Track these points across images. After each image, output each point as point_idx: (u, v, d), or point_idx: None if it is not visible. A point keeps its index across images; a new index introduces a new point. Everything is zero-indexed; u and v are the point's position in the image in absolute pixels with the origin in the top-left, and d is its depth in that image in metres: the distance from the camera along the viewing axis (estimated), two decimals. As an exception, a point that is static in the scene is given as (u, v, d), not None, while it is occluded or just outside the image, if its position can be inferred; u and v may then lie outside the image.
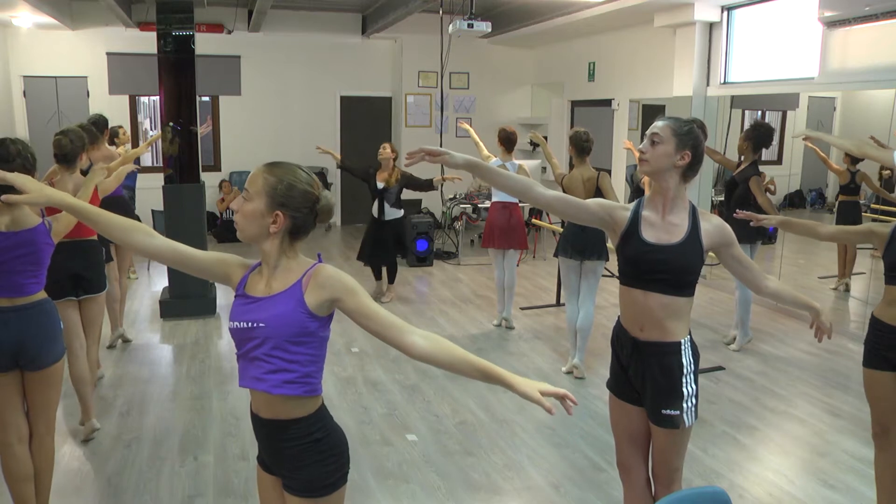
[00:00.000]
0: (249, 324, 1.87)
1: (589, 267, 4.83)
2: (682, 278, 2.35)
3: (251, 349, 1.90)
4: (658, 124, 2.36)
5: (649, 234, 2.35)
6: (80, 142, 3.88)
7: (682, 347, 2.38)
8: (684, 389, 2.37)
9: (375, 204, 6.74)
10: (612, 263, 3.16)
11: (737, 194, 5.19)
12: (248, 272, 1.96)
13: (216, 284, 6.80)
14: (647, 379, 2.40)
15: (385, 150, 6.64)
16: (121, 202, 5.32)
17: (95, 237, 4.07)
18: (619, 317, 2.51)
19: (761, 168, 5.36)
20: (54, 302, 3.45)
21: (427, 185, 6.64)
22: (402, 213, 6.79)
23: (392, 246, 6.76)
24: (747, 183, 5.12)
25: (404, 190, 6.77)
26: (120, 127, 6.91)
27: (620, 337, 2.48)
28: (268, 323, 1.84)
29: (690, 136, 2.33)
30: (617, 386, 2.53)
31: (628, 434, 2.52)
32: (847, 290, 6.81)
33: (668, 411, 2.37)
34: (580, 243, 4.74)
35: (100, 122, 5.61)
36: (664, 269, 2.33)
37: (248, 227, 1.86)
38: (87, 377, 3.94)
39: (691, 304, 2.43)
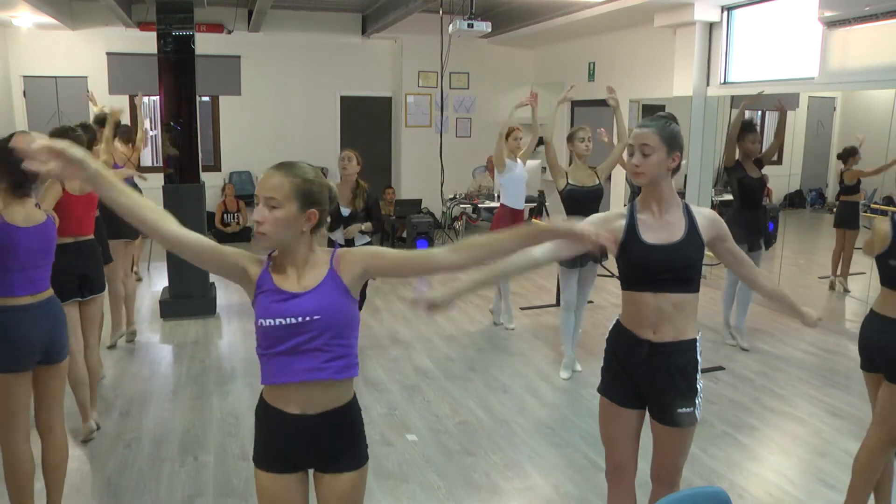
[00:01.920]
0: (298, 319, 1.88)
1: (587, 272, 4.86)
2: (688, 275, 2.36)
3: (302, 343, 1.90)
4: (644, 132, 2.28)
5: (649, 237, 2.34)
6: (88, 135, 4.03)
7: (696, 345, 2.41)
8: (697, 386, 2.42)
9: (339, 231, 5.03)
10: (612, 263, 3.16)
11: (758, 197, 5.28)
12: (265, 267, 1.95)
13: (216, 285, 6.80)
14: (661, 381, 2.38)
15: (350, 164, 5.00)
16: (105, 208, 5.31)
17: (93, 236, 4.08)
18: (617, 322, 2.47)
19: (765, 169, 5.40)
20: (66, 303, 3.51)
21: (378, 225, 5.26)
22: (369, 239, 5.24)
23: None
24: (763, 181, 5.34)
25: None
26: (128, 125, 6.89)
27: (625, 342, 2.42)
28: (323, 314, 1.89)
29: (677, 136, 2.32)
30: (617, 392, 2.46)
31: (627, 437, 2.50)
32: (846, 290, 6.82)
33: (684, 409, 2.39)
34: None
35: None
36: (671, 268, 2.33)
37: (279, 233, 1.87)
38: (86, 379, 3.94)
39: (698, 300, 2.44)
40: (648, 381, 2.40)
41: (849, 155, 6.62)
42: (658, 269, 2.33)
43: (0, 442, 2.88)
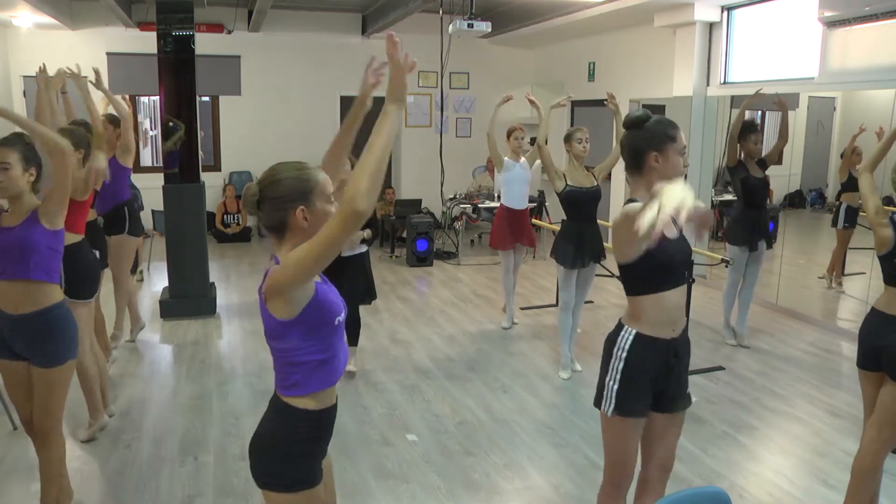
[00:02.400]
0: (340, 298, 1.99)
1: (586, 272, 4.87)
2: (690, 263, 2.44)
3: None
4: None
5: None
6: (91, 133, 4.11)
7: None
8: None
9: None
10: (611, 263, 3.14)
11: (760, 197, 5.28)
12: None
13: (216, 285, 6.80)
14: (680, 373, 2.41)
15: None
16: (130, 206, 5.30)
17: None
18: (637, 334, 2.34)
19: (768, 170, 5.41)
20: (88, 301, 3.61)
21: (376, 232, 4.96)
22: (365, 246, 4.77)
23: (355, 293, 4.66)
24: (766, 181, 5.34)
25: None
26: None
27: (653, 351, 2.33)
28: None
29: None
30: (641, 405, 2.39)
31: (638, 445, 2.49)
32: (836, 287, 6.85)
33: (688, 389, 2.46)
34: (581, 249, 4.74)
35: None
36: (686, 260, 2.39)
37: None
38: (98, 375, 3.95)
39: None
40: (669, 379, 2.39)
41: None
42: (681, 262, 2.35)
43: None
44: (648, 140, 2.33)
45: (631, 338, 2.34)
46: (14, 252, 2.79)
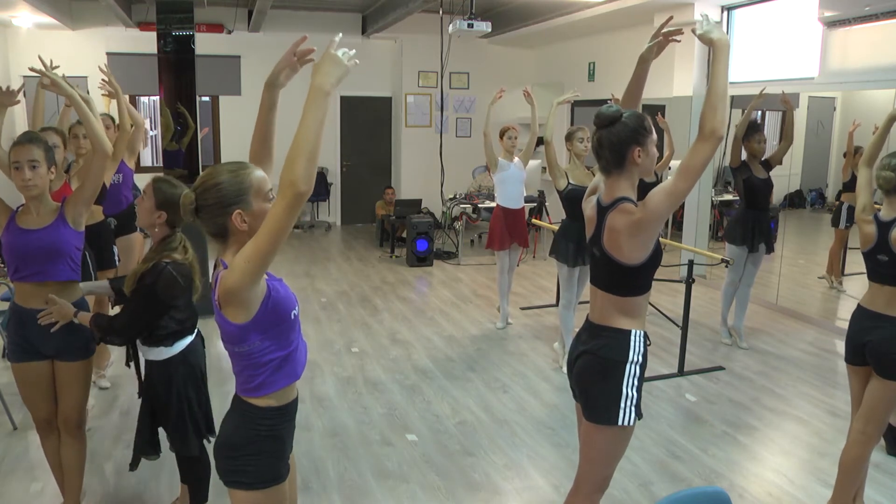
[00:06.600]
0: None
1: (586, 270, 4.87)
2: None
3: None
4: None
5: None
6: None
7: None
8: None
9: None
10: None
11: (762, 198, 5.28)
12: None
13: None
14: None
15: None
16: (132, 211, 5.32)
17: None
18: (644, 334, 2.31)
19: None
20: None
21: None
22: (173, 349, 2.90)
23: (163, 419, 2.82)
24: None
25: None
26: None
27: (647, 345, 2.33)
28: None
29: None
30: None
31: None
32: (840, 287, 6.84)
33: None
34: (582, 247, 4.75)
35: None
36: None
37: None
38: None
39: None
40: None
41: (855, 153, 6.63)
42: None
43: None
44: (631, 135, 2.26)
45: (642, 340, 2.30)
46: (44, 255, 2.76)
